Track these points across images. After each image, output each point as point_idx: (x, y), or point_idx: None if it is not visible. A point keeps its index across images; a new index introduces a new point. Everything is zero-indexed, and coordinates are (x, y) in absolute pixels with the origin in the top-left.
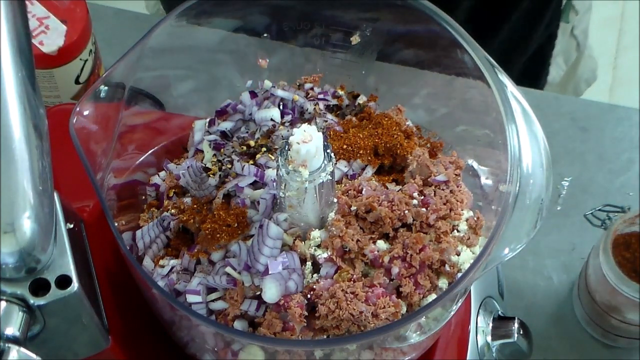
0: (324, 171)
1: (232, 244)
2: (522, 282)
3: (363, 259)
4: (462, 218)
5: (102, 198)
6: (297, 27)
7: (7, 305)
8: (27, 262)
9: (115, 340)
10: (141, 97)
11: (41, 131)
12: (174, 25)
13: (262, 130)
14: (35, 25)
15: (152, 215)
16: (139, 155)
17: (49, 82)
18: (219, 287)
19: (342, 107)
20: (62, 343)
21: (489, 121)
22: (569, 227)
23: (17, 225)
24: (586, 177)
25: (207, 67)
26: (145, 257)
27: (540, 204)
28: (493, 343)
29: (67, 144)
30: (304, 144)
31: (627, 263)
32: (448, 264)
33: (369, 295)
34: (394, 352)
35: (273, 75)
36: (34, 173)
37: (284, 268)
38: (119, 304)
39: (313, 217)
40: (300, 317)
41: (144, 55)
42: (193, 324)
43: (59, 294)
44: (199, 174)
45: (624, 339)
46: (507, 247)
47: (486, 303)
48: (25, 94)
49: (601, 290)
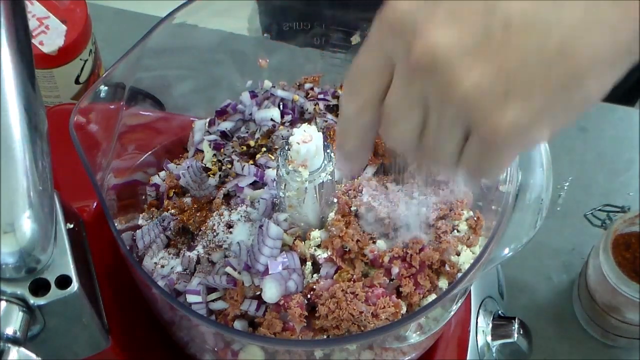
0: (324, 171)
1: (232, 244)
2: (522, 282)
3: (363, 259)
4: (462, 218)
5: (102, 198)
6: (297, 27)
7: (7, 305)
8: (27, 262)
9: (115, 340)
10: (141, 97)
11: (41, 131)
12: (174, 25)
13: (262, 130)
14: (35, 25)
15: (152, 215)
16: (139, 155)
17: (49, 82)
18: (219, 287)
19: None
20: (62, 343)
21: None
22: (569, 227)
23: (17, 225)
24: (586, 177)
25: (207, 67)
26: (145, 257)
27: (540, 204)
28: (493, 343)
29: (67, 144)
30: (304, 144)
31: (627, 263)
32: (448, 264)
33: (369, 295)
34: (394, 352)
35: (273, 75)
36: (34, 173)
37: (284, 268)
38: (119, 304)
39: (313, 217)
40: (300, 317)
41: (144, 55)
42: (193, 324)
43: (59, 294)
44: (199, 174)
45: (624, 339)
46: (507, 247)
47: (486, 303)
48: (25, 94)
49: (601, 290)
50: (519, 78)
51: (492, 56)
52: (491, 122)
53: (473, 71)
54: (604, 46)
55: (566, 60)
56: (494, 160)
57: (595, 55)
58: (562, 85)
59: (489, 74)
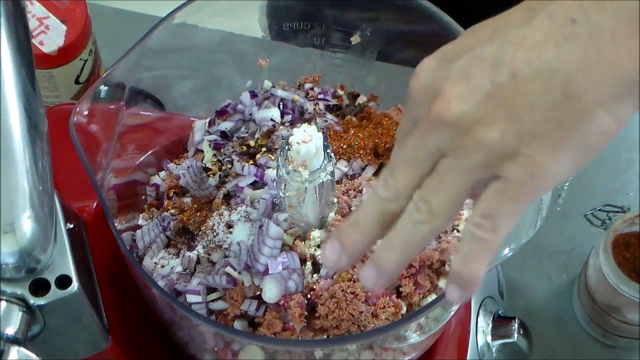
0: (324, 171)
1: (232, 244)
2: (522, 282)
3: (363, 259)
4: (462, 218)
5: (102, 198)
6: (297, 27)
7: (7, 305)
8: (27, 262)
9: (115, 340)
10: (141, 97)
11: (41, 131)
12: (174, 25)
13: (262, 130)
14: (35, 25)
15: (152, 215)
16: (139, 155)
17: (49, 82)
18: (219, 287)
19: (342, 107)
20: (62, 343)
21: None
22: (569, 227)
23: (17, 225)
24: (586, 177)
25: (207, 67)
26: (145, 257)
27: (540, 204)
28: (493, 343)
29: (67, 144)
30: (304, 144)
31: (627, 263)
32: (448, 264)
33: (369, 295)
34: (394, 352)
35: (273, 75)
36: (34, 173)
37: (284, 268)
38: (119, 304)
39: (313, 217)
40: (300, 317)
41: (144, 55)
42: (193, 324)
43: (59, 294)
44: (199, 174)
45: (624, 339)
46: (507, 247)
47: (486, 303)
48: (25, 94)
49: (601, 290)
50: (530, 120)
51: (503, 104)
52: (502, 164)
53: (487, 119)
54: (606, 82)
55: (572, 100)
56: (510, 205)
57: (599, 93)
58: (572, 123)
59: (502, 120)
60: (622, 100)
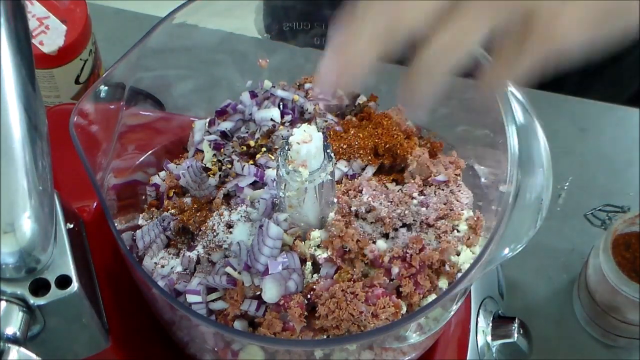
0: (324, 171)
1: (232, 244)
2: (522, 282)
3: (363, 259)
4: (462, 218)
5: (102, 198)
6: (297, 27)
7: (7, 305)
8: (27, 262)
9: (115, 340)
10: (141, 97)
11: (41, 131)
12: (174, 25)
13: (262, 130)
14: (35, 25)
15: (152, 215)
16: (139, 155)
17: (49, 82)
18: (219, 287)
19: (342, 107)
20: (62, 343)
21: (489, 121)
22: (569, 227)
23: (17, 225)
24: (586, 177)
25: (207, 67)
26: (145, 257)
27: (540, 204)
28: (493, 343)
29: (67, 144)
30: (304, 144)
31: (627, 263)
32: (448, 264)
33: (369, 295)
34: (394, 352)
35: (273, 75)
36: (34, 173)
37: (284, 268)
38: (119, 304)
39: (313, 217)
40: (300, 317)
41: (144, 55)
42: (193, 324)
43: (59, 294)
44: (199, 174)
45: (624, 339)
46: (507, 247)
47: (486, 303)
48: (25, 94)
49: (601, 290)
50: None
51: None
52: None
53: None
54: None
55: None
56: (528, 55)
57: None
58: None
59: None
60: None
